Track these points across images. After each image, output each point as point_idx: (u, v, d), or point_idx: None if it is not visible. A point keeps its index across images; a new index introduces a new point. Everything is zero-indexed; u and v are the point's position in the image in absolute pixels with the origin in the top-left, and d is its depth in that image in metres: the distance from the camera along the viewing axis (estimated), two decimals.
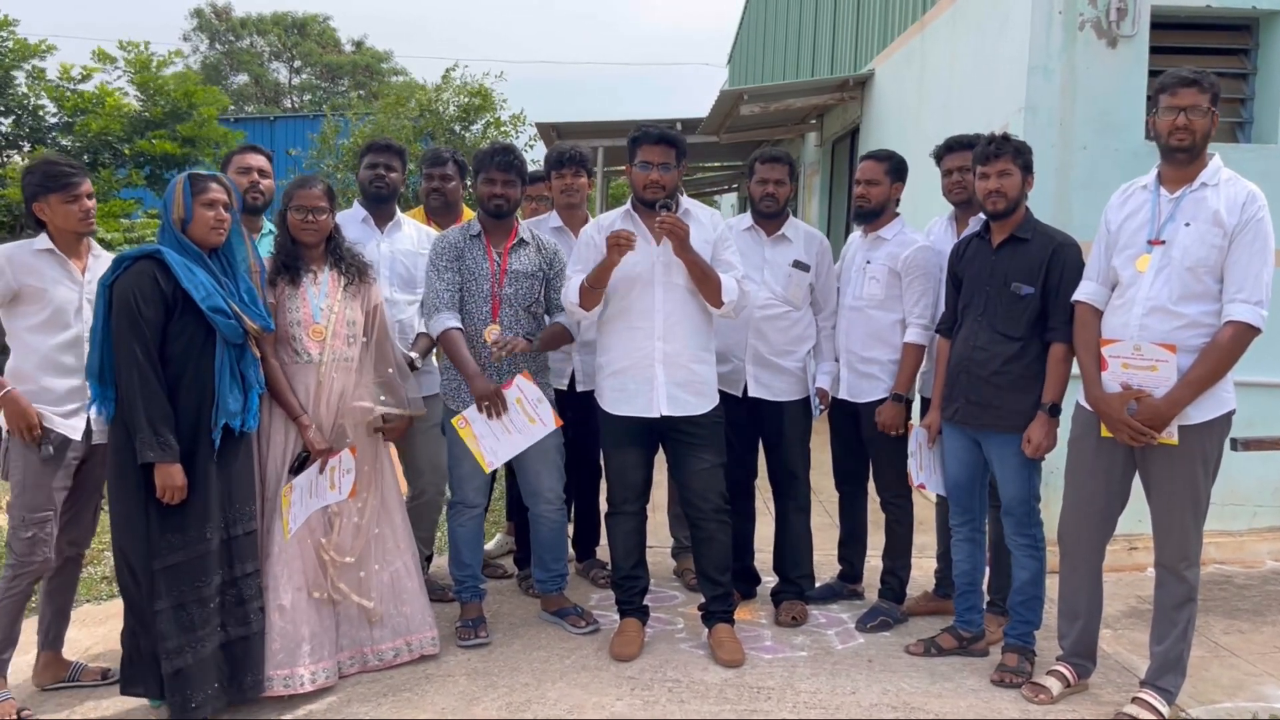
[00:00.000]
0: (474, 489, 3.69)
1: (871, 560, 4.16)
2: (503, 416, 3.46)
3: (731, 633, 3.58)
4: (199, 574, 2.93)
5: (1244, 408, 3.07)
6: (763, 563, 4.18)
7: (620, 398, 3.52)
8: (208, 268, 3.00)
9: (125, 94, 12.24)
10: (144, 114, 12.03)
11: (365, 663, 3.38)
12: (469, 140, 14.46)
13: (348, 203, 4.27)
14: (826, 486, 4.24)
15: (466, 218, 4.15)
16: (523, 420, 3.48)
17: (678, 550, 4.53)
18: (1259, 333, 2.86)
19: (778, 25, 12.90)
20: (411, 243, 4.01)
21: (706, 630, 3.64)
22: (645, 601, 3.71)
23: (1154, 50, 4.62)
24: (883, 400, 3.77)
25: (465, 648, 3.60)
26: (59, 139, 11.90)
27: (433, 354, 3.89)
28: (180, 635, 2.90)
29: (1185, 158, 2.94)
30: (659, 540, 4.46)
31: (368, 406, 3.36)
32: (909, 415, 3.81)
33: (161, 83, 12.07)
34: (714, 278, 3.41)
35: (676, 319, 3.46)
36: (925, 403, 3.79)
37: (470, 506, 3.71)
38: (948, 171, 3.77)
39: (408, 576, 3.45)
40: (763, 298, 3.81)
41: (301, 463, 3.22)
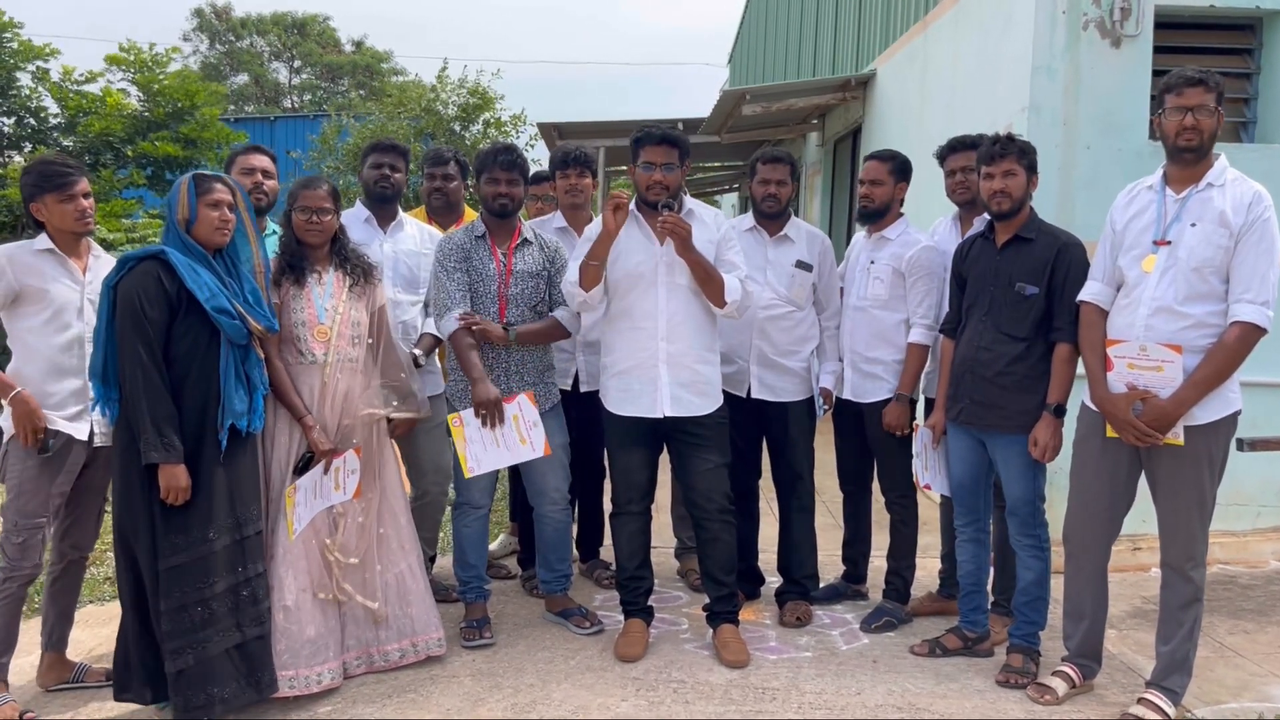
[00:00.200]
0: (479, 490, 3.68)
1: (876, 561, 4.16)
2: (496, 428, 3.46)
3: (736, 633, 3.58)
4: (202, 575, 2.93)
5: (1249, 408, 3.07)
6: (767, 563, 4.18)
7: (624, 398, 3.51)
8: (212, 268, 2.99)
9: (126, 94, 12.23)
10: (145, 114, 12.01)
11: (371, 663, 3.38)
12: (469, 140, 14.44)
13: (349, 203, 4.26)
14: (831, 487, 4.24)
15: (468, 217, 4.15)
16: (514, 438, 3.48)
17: (681, 551, 4.53)
18: (1265, 333, 2.86)
19: (779, 25, 12.89)
20: (414, 243, 4.00)
21: (711, 631, 3.64)
22: (650, 602, 3.71)
23: (1157, 50, 4.62)
24: (887, 400, 3.77)
25: (470, 648, 3.60)
26: (61, 139, 11.90)
27: (435, 354, 3.89)
28: (182, 636, 2.90)
29: (1192, 158, 2.93)
30: (663, 541, 4.46)
31: (379, 414, 3.36)
32: (913, 415, 3.80)
33: (163, 84, 12.05)
34: (717, 278, 3.40)
35: (680, 319, 3.46)
36: (929, 403, 3.79)
37: (475, 507, 3.71)
38: (951, 172, 3.77)
39: (412, 578, 3.45)
40: (766, 298, 3.80)
41: (306, 463, 3.22)
